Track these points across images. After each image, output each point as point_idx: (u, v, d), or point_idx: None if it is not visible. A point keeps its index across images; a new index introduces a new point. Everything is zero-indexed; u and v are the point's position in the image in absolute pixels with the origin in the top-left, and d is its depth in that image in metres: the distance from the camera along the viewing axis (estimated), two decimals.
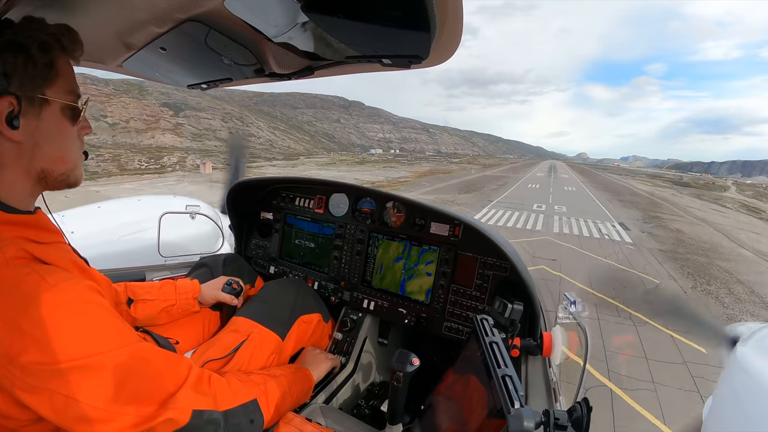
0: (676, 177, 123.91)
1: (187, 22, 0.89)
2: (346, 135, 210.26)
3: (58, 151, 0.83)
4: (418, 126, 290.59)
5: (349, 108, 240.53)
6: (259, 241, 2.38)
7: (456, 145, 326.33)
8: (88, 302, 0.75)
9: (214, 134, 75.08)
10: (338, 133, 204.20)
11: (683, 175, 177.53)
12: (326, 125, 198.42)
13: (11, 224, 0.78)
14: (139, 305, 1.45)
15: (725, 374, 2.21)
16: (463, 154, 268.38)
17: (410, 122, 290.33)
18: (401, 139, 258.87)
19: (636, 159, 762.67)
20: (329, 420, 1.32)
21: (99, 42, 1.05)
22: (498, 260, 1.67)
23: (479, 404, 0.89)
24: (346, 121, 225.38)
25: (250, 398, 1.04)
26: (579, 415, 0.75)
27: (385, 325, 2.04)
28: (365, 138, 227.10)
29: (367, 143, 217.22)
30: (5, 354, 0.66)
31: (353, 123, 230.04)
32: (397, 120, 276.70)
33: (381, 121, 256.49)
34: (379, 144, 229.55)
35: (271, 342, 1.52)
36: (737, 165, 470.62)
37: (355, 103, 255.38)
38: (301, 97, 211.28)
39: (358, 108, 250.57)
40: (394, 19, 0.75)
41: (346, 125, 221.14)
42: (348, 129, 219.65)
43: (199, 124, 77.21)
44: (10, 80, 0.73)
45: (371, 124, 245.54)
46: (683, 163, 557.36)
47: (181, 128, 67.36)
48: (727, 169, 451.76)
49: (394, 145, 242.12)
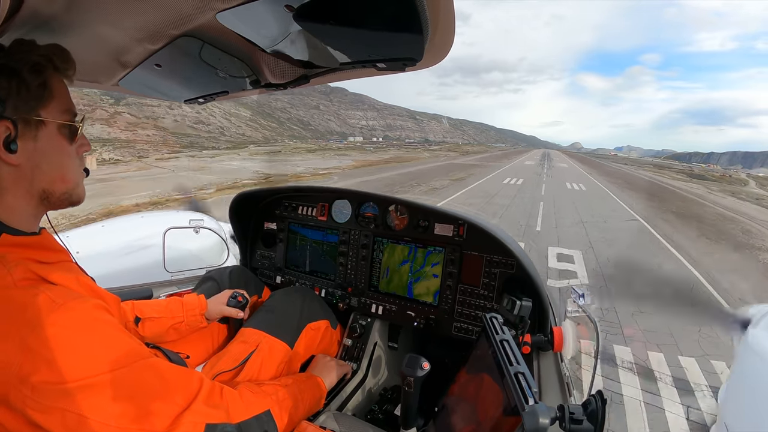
0: (686, 168, 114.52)
1: (181, 37, 0.90)
2: (324, 122, 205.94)
3: (57, 170, 0.83)
4: (404, 113, 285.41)
5: (330, 95, 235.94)
6: (264, 252, 2.38)
7: (445, 133, 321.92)
8: (96, 320, 0.75)
9: (154, 123, 72.08)
10: (315, 120, 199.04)
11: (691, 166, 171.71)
12: (302, 112, 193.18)
13: (17, 246, 0.78)
14: (146, 323, 1.45)
15: (738, 358, 2.18)
16: (451, 142, 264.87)
17: (396, 109, 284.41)
18: (386, 127, 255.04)
19: (630, 149, 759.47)
20: (343, 426, 1.31)
21: (93, 62, 1.06)
22: (504, 258, 1.67)
23: (493, 403, 0.88)
24: (326, 108, 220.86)
25: (263, 409, 1.03)
26: (594, 408, 0.75)
27: (395, 329, 2.03)
28: (346, 125, 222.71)
29: (348, 131, 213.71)
30: (16, 375, 0.67)
31: (334, 110, 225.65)
32: (381, 107, 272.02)
33: (364, 108, 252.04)
34: (361, 132, 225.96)
35: (281, 351, 1.51)
36: (738, 156, 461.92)
37: (338, 90, 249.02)
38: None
39: (341, 94, 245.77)
40: (386, 23, 0.75)
41: (325, 112, 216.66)
42: (327, 116, 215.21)
43: (140, 113, 72.32)
44: (5, 105, 0.73)
45: (354, 111, 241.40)
46: (682, 153, 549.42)
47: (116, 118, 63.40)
48: (727, 160, 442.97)
49: (377, 133, 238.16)
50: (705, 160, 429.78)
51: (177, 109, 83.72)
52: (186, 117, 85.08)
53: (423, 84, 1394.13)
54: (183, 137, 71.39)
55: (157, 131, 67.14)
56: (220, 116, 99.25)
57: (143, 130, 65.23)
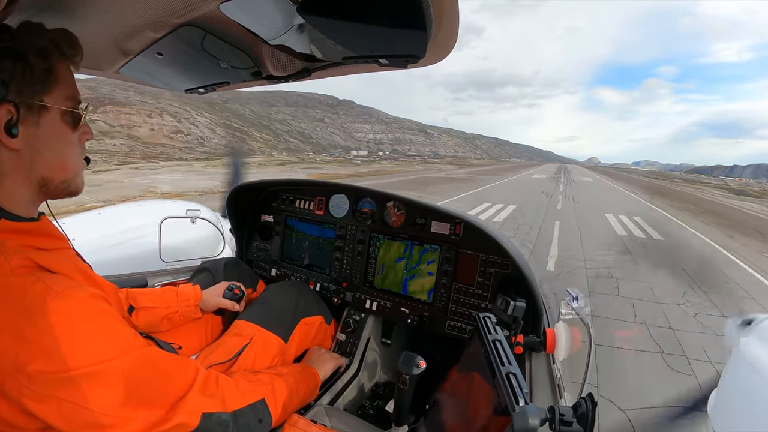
0: (722, 183, 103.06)
1: (184, 26, 0.89)
2: (327, 135, 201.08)
3: (58, 157, 0.82)
4: (414, 127, 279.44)
5: (337, 107, 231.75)
6: (260, 244, 2.38)
7: (457, 147, 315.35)
8: (93, 309, 0.75)
9: (128, 132, 69.83)
10: (318, 132, 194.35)
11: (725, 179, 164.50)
12: (304, 124, 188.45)
13: (15, 232, 0.77)
14: (140, 313, 1.45)
15: (728, 366, 2.20)
16: (463, 156, 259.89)
17: (405, 123, 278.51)
18: (394, 140, 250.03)
19: (648, 163, 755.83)
20: (334, 421, 1.32)
21: (96, 48, 1.05)
22: (499, 257, 1.67)
23: (484, 402, 0.89)
24: (331, 121, 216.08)
25: (258, 398, 1.04)
26: (584, 410, 0.75)
27: (388, 325, 2.04)
28: (352, 139, 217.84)
29: (353, 144, 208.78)
30: (12, 363, 0.66)
31: (339, 123, 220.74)
32: (390, 120, 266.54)
33: (372, 120, 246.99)
34: (368, 146, 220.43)
35: (274, 345, 1.52)
36: (762, 169, 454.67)
37: (345, 102, 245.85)
38: (282, 95, 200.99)
39: (348, 107, 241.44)
40: (389, 19, 0.75)
41: (330, 125, 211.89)
42: (332, 129, 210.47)
43: (116, 121, 71.01)
44: (8, 88, 0.72)
45: (360, 124, 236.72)
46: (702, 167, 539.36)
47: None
48: (751, 173, 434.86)
49: (385, 147, 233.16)
50: (728, 173, 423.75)
51: (156, 118, 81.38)
52: (164, 126, 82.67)
53: (437, 99, 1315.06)
54: (154, 147, 69.59)
55: (127, 141, 65.29)
56: (204, 126, 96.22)
57: (111, 139, 63.20)
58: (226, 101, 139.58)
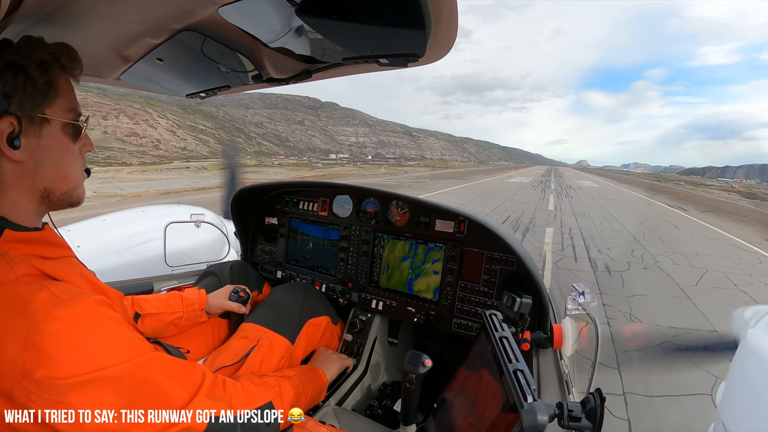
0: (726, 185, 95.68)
1: (183, 31, 0.89)
2: (306, 138, 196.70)
3: (59, 169, 0.83)
4: (399, 129, 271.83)
5: (318, 109, 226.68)
6: (265, 247, 2.38)
7: (444, 150, 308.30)
8: (99, 315, 0.75)
9: None
10: (296, 136, 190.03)
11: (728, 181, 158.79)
12: (282, 127, 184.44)
13: (20, 242, 0.78)
14: (146, 319, 1.46)
15: (736, 359, 2.18)
16: (450, 159, 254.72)
17: (390, 125, 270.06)
18: (378, 144, 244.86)
19: (637, 165, 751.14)
20: (343, 422, 1.32)
21: (96, 56, 1.06)
22: (504, 254, 1.66)
23: (492, 400, 0.88)
24: (312, 123, 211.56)
25: (265, 401, 1.04)
26: (593, 406, 0.75)
27: (395, 325, 2.04)
28: (333, 142, 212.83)
29: (335, 148, 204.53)
30: (20, 370, 0.67)
31: (320, 125, 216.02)
32: (374, 122, 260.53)
33: (355, 123, 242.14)
34: (350, 149, 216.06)
35: (281, 346, 1.52)
36: (755, 169, 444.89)
37: (328, 104, 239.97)
38: (261, 97, 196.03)
39: (330, 109, 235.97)
40: (389, 19, 0.75)
41: (310, 127, 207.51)
42: (311, 132, 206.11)
43: None
44: (10, 100, 0.74)
45: (343, 126, 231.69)
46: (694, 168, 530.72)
47: None
48: (744, 173, 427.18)
49: (368, 150, 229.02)
50: (720, 174, 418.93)
51: (112, 120, 79.56)
52: (119, 129, 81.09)
53: (426, 103, 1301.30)
54: (102, 150, 68.84)
55: None
56: (164, 128, 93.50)
57: None
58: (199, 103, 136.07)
